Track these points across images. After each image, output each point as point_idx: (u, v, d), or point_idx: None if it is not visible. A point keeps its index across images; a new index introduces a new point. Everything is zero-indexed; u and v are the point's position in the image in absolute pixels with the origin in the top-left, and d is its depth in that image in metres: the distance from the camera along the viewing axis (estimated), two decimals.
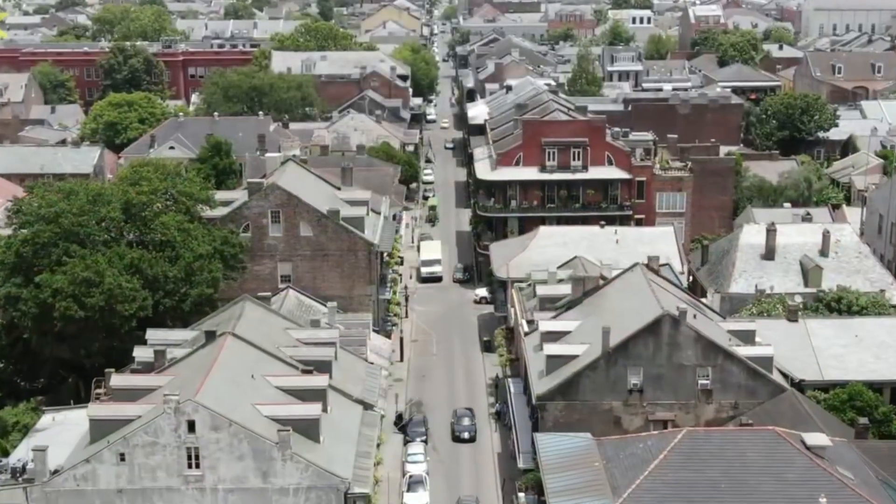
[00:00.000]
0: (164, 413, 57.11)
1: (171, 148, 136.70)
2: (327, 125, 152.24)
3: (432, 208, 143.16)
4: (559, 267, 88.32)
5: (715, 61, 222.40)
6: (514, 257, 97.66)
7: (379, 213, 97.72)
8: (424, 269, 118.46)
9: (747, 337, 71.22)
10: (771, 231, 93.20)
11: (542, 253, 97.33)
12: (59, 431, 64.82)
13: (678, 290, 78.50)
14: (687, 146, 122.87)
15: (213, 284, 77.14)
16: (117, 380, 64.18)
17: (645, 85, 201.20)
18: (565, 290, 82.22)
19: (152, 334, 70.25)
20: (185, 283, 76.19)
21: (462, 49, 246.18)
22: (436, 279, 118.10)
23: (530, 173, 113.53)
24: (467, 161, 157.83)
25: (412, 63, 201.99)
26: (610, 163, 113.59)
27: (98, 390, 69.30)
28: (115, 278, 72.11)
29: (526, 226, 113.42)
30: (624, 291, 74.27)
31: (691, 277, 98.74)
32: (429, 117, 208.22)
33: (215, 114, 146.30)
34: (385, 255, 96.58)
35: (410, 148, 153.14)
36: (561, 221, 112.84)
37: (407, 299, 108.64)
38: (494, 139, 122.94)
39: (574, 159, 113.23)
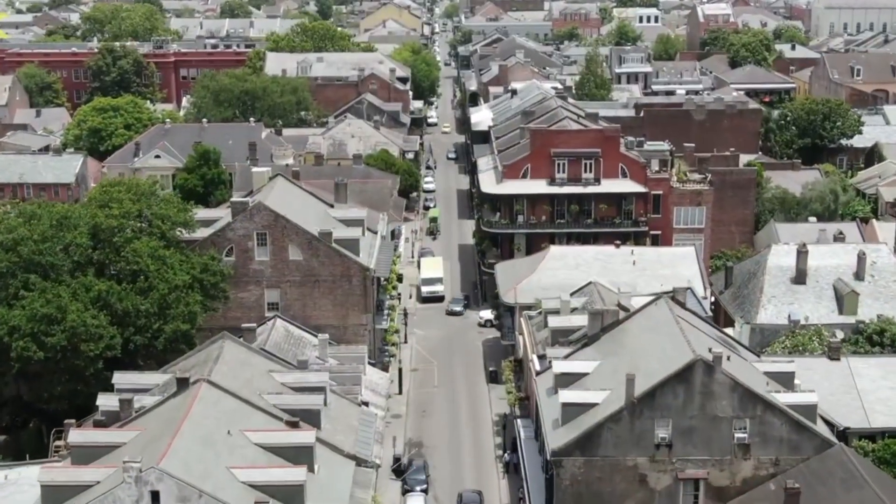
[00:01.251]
0: (123, 482, 49.44)
1: (157, 157, 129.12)
2: (323, 131, 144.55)
3: (433, 220, 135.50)
4: (572, 294, 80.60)
5: (726, 62, 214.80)
6: (522, 280, 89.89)
7: (375, 233, 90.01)
8: (425, 289, 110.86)
9: (786, 380, 63.48)
10: (802, 252, 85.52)
11: (553, 275, 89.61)
12: (12, 493, 57.13)
13: (706, 325, 70.70)
14: (705, 156, 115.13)
15: (190, 319, 69.42)
16: (76, 435, 56.43)
17: (654, 87, 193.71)
18: (580, 321, 74.40)
19: (120, 378, 62.52)
20: (158, 317, 68.44)
21: (464, 49, 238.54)
22: (437, 299, 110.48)
23: (538, 186, 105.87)
24: (470, 169, 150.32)
25: (412, 64, 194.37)
26: (624, 175, 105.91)
27: (58, 442, 61.70)
28: (79, 314, 64.40)
29: (534, 243, 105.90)
30: (648, 328, 66.50)
31: (714, 302, 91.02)
32: (430, 120, 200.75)
33: (204, 120, 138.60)
34: (382, 279, 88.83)
35: (410, 155, 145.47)
36: (571, 238, 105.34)
37: (406, 322, 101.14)
38: (500, 148, 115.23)
39: (586, 171, 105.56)
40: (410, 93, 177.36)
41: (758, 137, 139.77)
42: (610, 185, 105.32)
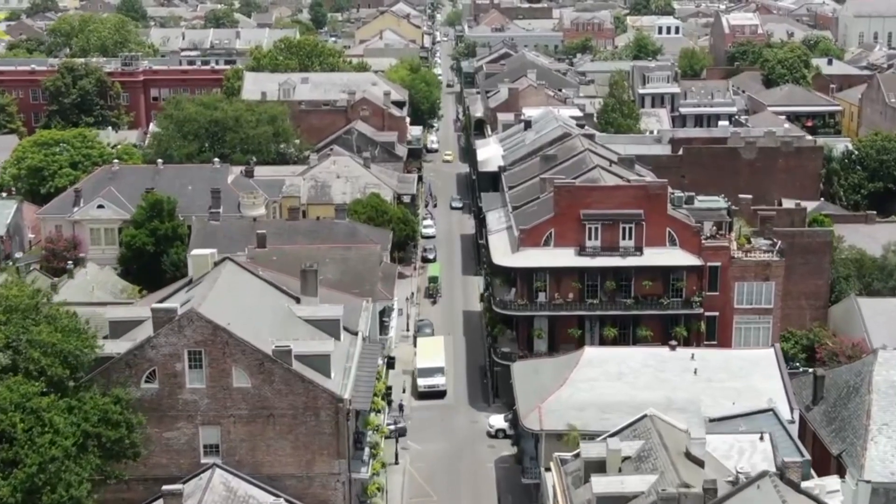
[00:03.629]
0: None
1: (100, 206, 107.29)
2: (303, 170, 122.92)
3: (433, 280, 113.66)
4: (621, 431, 58.98)
5: (759, 79, 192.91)
6: (549, 395, 68.14)
7: (356, 333, 68.16)
8: (423, 382, 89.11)
9: None
10: None
11: (590, 389, 68.00)
12: None
13: None
14: (768, 212, 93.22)
15: None
16: None
17: (682, 110, 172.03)
18: (635, 485, 52.90)
19: None
20: None
21: (468, 64, 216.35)
22: (437, 394, 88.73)
23: (565, 257, 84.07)
24: (476, 211, 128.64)
25: (410, 85, 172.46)
26: (672, 243, 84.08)
27: None
28: None
29: (559, 328, 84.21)
30: None
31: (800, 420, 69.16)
32: (430, 145, 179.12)
33: (159, 161, 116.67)
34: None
35: (407, 198, 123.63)
36: (606, 322, 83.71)
37: (397, 430, 79.55)
38: (514, 203, 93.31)
39: (624, 238, 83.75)
40: (408, 119, 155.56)
41: (818, 180, 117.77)
42: (655, 256, 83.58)
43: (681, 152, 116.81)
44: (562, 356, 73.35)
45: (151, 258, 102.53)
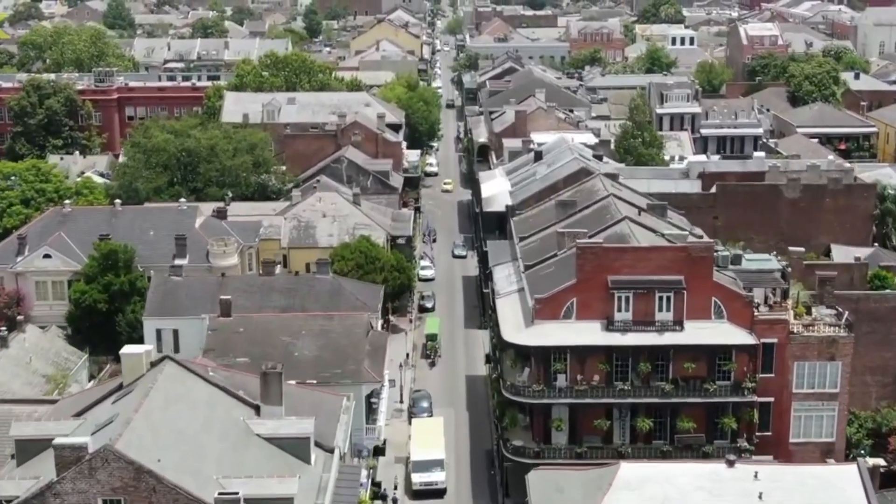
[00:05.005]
0: None
1: (47, 256, 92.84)
2: (285, 208, 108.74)
3: (431, 338, 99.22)
4: None
5: (783, 96, 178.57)
6: None
7: (332, 451, 53.79)
8: (418, 478, 74.59)
9: None
10: None
11: None
12: None
13: None
14: (827, 271, 78.68)
15: None
16: None
17: (703, 131, 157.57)
18: None
19: None
20: None
21: (470, 78, 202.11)
22: (436, 493, 74.33)
23: (589, 333, 69.62)
24: (480, 253, 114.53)
25: (407, 105, 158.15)
26: (719, 315, 69.71)
27: None
28: None
29: (582, 418, 69.86)
30: None
31: None
32: (429, 169, 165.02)
33: (116, 202, 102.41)
34: None
35: (402, 239, 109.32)
36: (639, 412, 69.35)
37: None
38: (526, 258, 78.96)
39: (661, 310, 69.32)
40: (404, 143, 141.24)
41: (871, 222, 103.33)
42: (698, 332, 69.17)
43: (714, 190, 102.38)
44: (591, 472, 58.76)
45: (104, 318, 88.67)
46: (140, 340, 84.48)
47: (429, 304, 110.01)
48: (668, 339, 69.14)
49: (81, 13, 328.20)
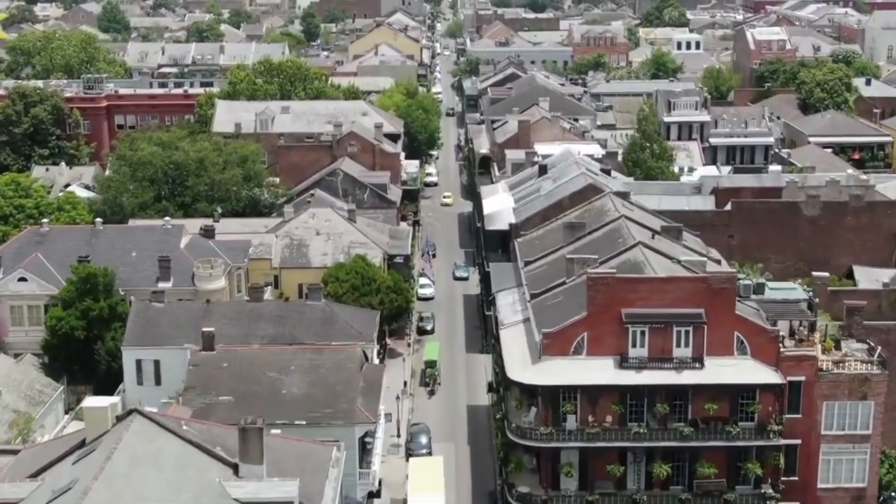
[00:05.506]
0: None
1: (22, 280, 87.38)
2: (277, 224, 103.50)
3: (430, 365, 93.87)
4: None
5: (793, 103, 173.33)
6: None
7: None
8: None
9: None
10: None
11: None
12: None
13: None
14: (856, 299, 73.35)
15: None
16: None
17: (712, 140, 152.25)
18: None
19: None
20: None
21: (470, 84, 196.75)
22: None
23: (602, 370, 64.24)
24: (482, 271, 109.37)
25: (406, 113, 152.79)
26: (742, 351, 64.34)
27: None
28: None
29: (593, 464, 64.47)
30: None
31: None
32: (429, 178, 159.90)
33: (97, 221, 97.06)
34: None
35: (400, 258, 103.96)
36: (655, 456, 63.99)
37: None
38: (532, 285, 73.66)
39: (679, 346, 63.96)
40: (402, 154, 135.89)
41: (894, 241, 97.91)
42: (720, 370, 63.81)
43: (729, 207, 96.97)
44: None
45: (82, 346, 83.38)
46: (120, 370, 79.54)
47: (428, 326, 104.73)
48: (687, 377, 63.76)
49: (77, 16, 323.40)
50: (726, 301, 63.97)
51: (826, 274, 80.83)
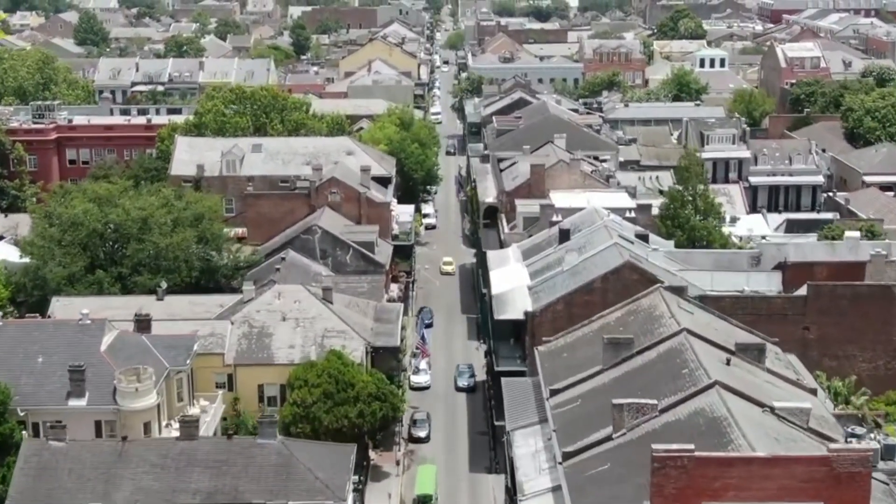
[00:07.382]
0: None
1: None
2: (234, 305, 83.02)
3: (424, 500, 73.04)
4: None
5: (837, 131, 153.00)
6: None
7: None
8: None
9: None
10: None
11: None
12: None
13: None
14: None
15: None
16: None
17: (752, 179, 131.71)
18: None
19: None
20: None
21: (473, 110, 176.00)
22: None
23: None
24: (488, 351, 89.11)
25: (400, 148, 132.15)
26: None
27: None
28: None
29: None
30: None
31: None
32: (427, 221, 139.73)
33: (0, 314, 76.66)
34: None
35: (389, 344, 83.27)
36: None
37: None
38: (563, 429, 53.18)
39: None
40: (394, 201, 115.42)
41: None
42: None
43: (804, 291, 76.15)
44: None
45: None
46: None
47: (422, 433, 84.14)
48: None
49: (54, 26, 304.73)
50: (857, 493, 43.27)
51: None
